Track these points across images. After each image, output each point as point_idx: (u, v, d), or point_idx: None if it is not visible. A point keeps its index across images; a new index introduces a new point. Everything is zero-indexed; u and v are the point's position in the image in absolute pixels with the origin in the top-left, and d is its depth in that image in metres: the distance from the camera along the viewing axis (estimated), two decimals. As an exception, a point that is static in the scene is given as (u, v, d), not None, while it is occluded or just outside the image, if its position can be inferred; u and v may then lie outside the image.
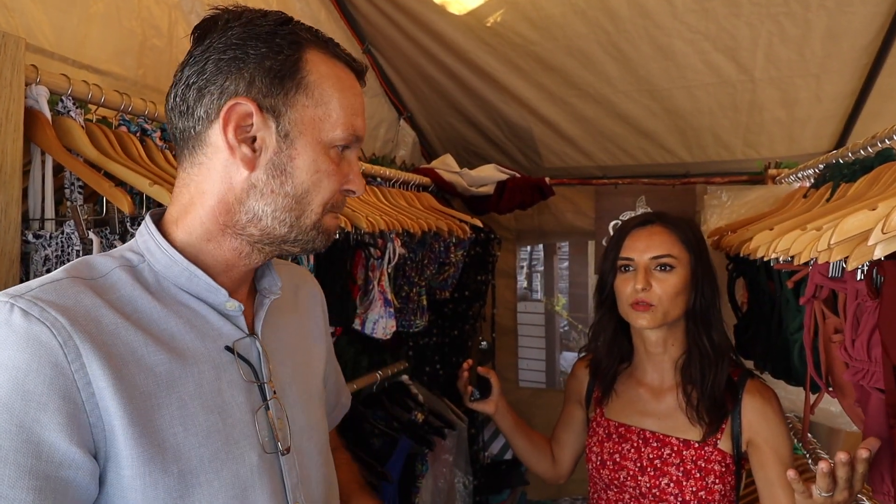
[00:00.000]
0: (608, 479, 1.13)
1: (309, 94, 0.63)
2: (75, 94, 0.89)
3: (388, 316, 1.45)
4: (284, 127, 0.62)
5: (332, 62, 0.65)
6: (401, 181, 1.84)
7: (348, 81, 0.66)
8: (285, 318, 0.75)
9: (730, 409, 1.08)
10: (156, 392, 0.56)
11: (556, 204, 2.44)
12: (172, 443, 0.56)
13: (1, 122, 0.78)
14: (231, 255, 0.65)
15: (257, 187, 0.62)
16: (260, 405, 0.64)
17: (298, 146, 0.62)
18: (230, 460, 0.60)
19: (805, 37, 1.66)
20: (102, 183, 0.84)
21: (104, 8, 1.21)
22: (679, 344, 1.14)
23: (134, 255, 0.64)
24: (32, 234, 0.83)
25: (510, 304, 2.70)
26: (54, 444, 0.50)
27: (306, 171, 0.63)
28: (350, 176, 0.68)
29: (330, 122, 0.64)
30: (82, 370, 0.52)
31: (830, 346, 0.87)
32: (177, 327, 0.61)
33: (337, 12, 1.91)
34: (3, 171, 0.78)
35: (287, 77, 0.62)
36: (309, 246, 0.68)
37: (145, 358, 0.57)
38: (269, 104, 0.61)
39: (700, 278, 1.10)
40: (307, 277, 0.88)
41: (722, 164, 2.15)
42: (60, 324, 0.52)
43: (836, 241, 0.62)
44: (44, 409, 0.50)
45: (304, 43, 0.63)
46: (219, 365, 0.62)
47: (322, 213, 0.66)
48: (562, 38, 1.83)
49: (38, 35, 1.08)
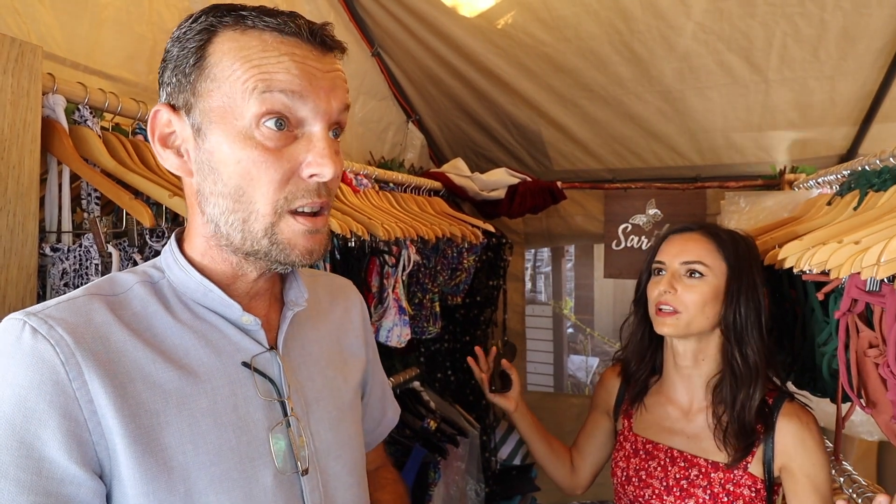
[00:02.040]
0: (633, 495, 1.12)
1: (211, 77, 0.56)
2: (92, 102, 0.87)
3: (403, 324, 1.43)
4: (196, 121, 0.57)
5: (247, 35, 0.56)
6: (412, 186, 1.82)
7: (266, 44, 0.55)
8: (317, 330, 0.73)
9: (761, 434, 1.03)
10: (164, 409, 0.55)
11: (566, 207, 2.42)
12: (181, 461, 0.55)
13: (18, 133, 0.76)
14: (227, 267, 0.62)
15: (202, 192, 0.58)
16: (277, 423, 0.62)
17: (212, 138, 0.56)
18: (242, 480, 0.58)
19: (820, 38, 1.64)
20: (122, 195, 0.82)
21: (115, 13, 1.19)
22: (711, 361, 1.10)
23: (156, 270, 0.63)
24: (50, 247, 0.81)
25: (518, 307, 2.68)
26: (55, 460, 0.50)
27: (229, 164, 0.56)
28: (309, 157, 0.56)
29: (238, 97, 0.55)
30: (84, 388, 0.52)
31: (864, 360, 0.85)
32: (191, 343, 0.59)
33: (346, 15, 1.89)
34: (21, 183, 0.76)
35: (192, 66, 0.57)
36: (271, 259, 0.59)
37: (153, 375, 0.56)
38: (182, 101, 0.58)
39: (736, 293, 1.05)
40: (347, 288, 0.84)
41: (733, 167, 2.13)
42: (65, 342, 0.52)
43: (888, 259, 0.60)
44: (44, 426, 0.50)
45: (215, 28, 0.57)
46: (235, 381, 0.60)
47: (273, 215, 0.56)
48: (574, 39, 1.81)
49: (49, 41, 1.05)
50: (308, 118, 0.57)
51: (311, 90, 0.56)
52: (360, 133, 2.08)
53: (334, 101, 0.58)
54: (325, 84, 0.57)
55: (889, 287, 0.75)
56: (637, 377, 1.18)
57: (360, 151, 2.07)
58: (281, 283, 0.70)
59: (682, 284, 1.07)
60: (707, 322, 1.07)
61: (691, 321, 1.06)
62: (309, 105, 0.56)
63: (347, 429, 0.72)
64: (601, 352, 2.87)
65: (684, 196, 2.17)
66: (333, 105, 0.58)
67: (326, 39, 0.58)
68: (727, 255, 1.07)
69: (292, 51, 0.56)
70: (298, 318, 0.69)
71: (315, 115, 0.57)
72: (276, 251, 0.58)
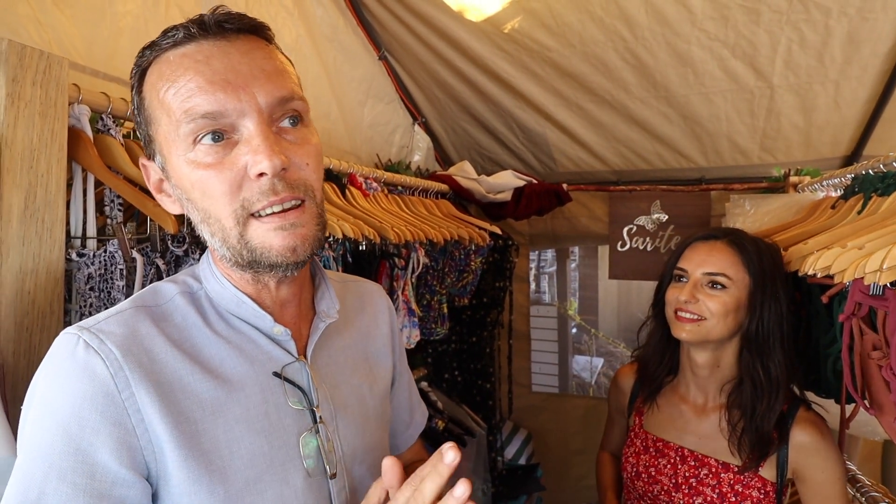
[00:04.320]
0: (642, 490, 1.14)
1: (151, 120, 0.58)
2: (114, 111, 0.90)
3: (412, 325, 1.46)
4: (160, 163, 0.60)
5: (160, 62, 0.56)
6: (420, 189, 1.85)
7: (174, 66, 0.54)
8: (343, 339, 0.75)
9: (776, 442, 1.03)
10: (202, 418, 0.58)
11: (571, 208, 2.44)
12: (218, 465, 0.58)
13: (46, 143, 0.78)
14: (245, 283, 0.64)
15: (194, 222, 0.61)
16: (307, 429, 0.65)
17: (173, 172, 0.59)
18: (275, 482, 0.61)
19: (825, 43, 1.66)
20: (146, 202, 0.84)
21: (133, 21, 1.21)
22: (728, 368, 1.10)
23: (194, 281, 0.66)
24: (76, 252, 0.83)
25: (524, 308, 2.70)
26: (107, 465, 0.53)
27: (190, 190, 0.57)
28: (247, 157, 0.54)
29: (172, 129, 0.55)
30: (132, 398, 0.55)
31: (868, 362, 0.87)
32: (226, 353, 0.62)
33: (354, 19, 1.92)
34: (49, 191, 0.79)
35: (139, 115, 0.59)
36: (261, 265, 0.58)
37: (191, 385, 0.59)
38: (149, 151, 0.61)
39: (760, 305, 1.04)
40: (376, 294, 0.85)
41: (738, 170, 2.15)
42: (114, 355, 0.55)
43: (891, 266, 0.62)
44: (97, 434, 0.53)
45: (144, 67, 0.58)
46: (266, 389, 0.63)
47: (238, 225, 0.56)
48: (578, 45, 1.83)
49: (69, 49, 1.08)
50: (237, 121, 0.55)
51: (224, 96, 0.54)
52: (368, 136, 2.10)
53: (260, 94, 0.55)
54: (239, 80, 0.55)
55: (892, 291, 0.77)
56: (655, 377, 1.19)
57: (369, 154, 2.10)
58: (312, 290, 0.72)
59: (704, 294, 1.06)
60: (727, 330, 1.06)
61: (711, 329, 1.05)
62: (230, 111, 0.54)
63: (373, 434, 0.74)
64: (606, 352, 2.88)
65: (689, 198, 2.18)
66: (260, 98, 0.55)
67: (224, 24, 0.56)
68: (751, 266, 1.06)
69: (194, 58, 0.54)
70: (327, 328, 0.70)
71: (241, 115, 0.55)
72: (258, 256, 0.57)
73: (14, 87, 0.74)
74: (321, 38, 1.78)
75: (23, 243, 0.76)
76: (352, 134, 2.00)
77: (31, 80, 0.76)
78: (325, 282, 0.72)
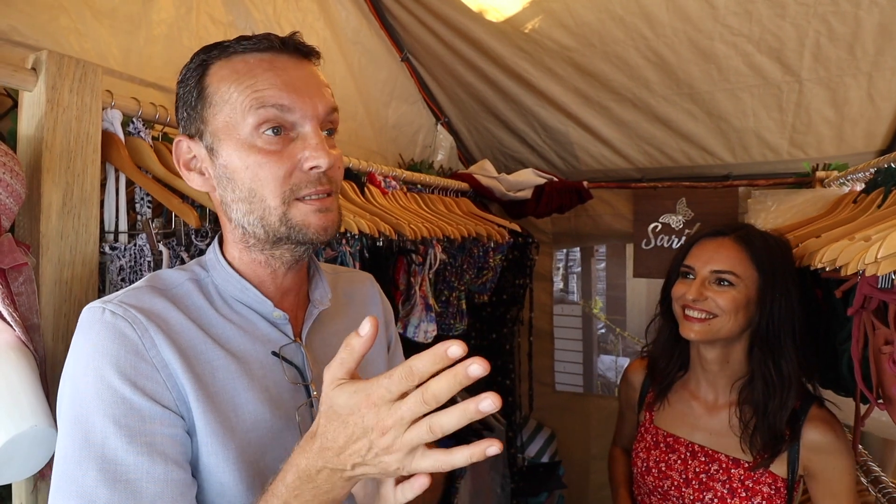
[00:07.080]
0: (652, 485, 1.14)
1: (213, 104, 0.66)
2: (144, 115, 0.96)
3: (430, 320, 1.49)
4: (208, 143, 0.67)
5: (232, 61, 0.66)
6: (440, 187, 1.88)
7: (251, 66, 0.65)
8: (337, 324, 0.80)
9: (787, 439, 1.02)
10: (213, 382, 0.65)
11: (594, 206, 2.43)
12: (228, 425, 0.64)
13: (82, 145, 0.85)
14: (256, 267, 0.71)
15: (225, 202, 0.68)
16: (302, 403, 0.71)
17: (223, 153, 0.66)
18: (275, 447, 0.67)
19: (856, 35, 1.61)
20: (172, 199, 0.91)
21: (167, 29, 1.29)
22: (739, 364, 1.09)
23: (201, 269, 0.73)
24: (109, 245, 0.90)
25: (546, 307, 2.70)
26: (143, 405, 0.59)
27: (240, 171, 0.65)
28: (305, 153, 0.65)
29: (238, 115, 0.64)
30: (158, 356, 0.62)
31: (880, 357, 0.86)
32: (232, 332, 0.69)
33: (377, 22, 1.97)
34: (84, 189, 0.86)
35: (196, 99, 0.67)
36: (292, 241, 0.67)
37: (205, 353, 0.65)
38: (194, 129, 0.68)
39: (770, 302, 1.03)
40: (366, 282, 0.92)
41: (766, 166, 2.10)
42: (139, 319, 0.62)
43: (884, 255, 0.61)
44: (136, 383, 0.60)
45: (209, 62, 0.67)
46: (265, 366, 0.69)
47: (283, 205, 0.65)
48: (599, 45, 1.83)
49: (108, 56, 1.16)
50: (299, 121, 0.66)
51: (296, 97, 0.65)
52: (392, 136, 2.15)
53: (319, 104, 0.66)
54: (307, 90, 0.66)
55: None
56: (666, 373, 1.19)
57: (394, 154, 2.15)
58: (308, 283, 0.78)
59: (711, 291, 1.06)
60: (737, 327, 1.05)
61: (721, 327, 1.05)
62: (297, 110, 0.65)
63: None
64: (633, 352, 2.85)
65: (715, 194, 2.15)
66: (319, 107, 0.66)
67: (300, 47, 0.68)
68: (759, 263, 1.05)
69: (273, 64, 0.65)
70: (321, 314, 0.77)
71: (304, 118, 0.66)
72: (294, 233, 0.66)
73: (53, 94, 0.81)
74: (346, 41, 1.83)
75: (61, 237, 0.83)
76: (378, 134, 2.05)
77: (68, 87, 0.83)
78: (318, 273, 0.79)
